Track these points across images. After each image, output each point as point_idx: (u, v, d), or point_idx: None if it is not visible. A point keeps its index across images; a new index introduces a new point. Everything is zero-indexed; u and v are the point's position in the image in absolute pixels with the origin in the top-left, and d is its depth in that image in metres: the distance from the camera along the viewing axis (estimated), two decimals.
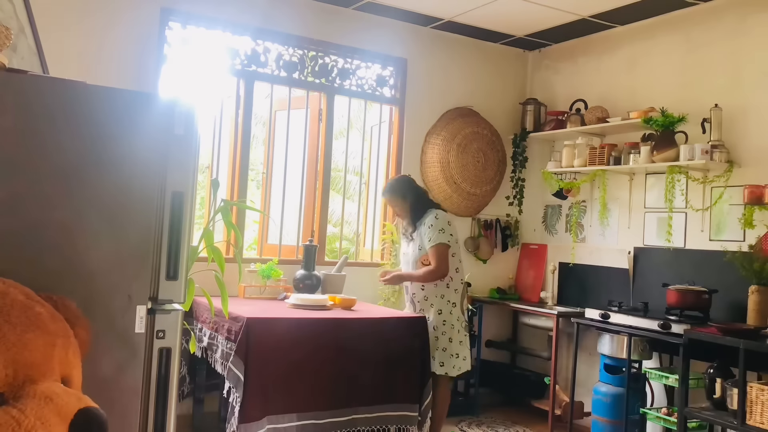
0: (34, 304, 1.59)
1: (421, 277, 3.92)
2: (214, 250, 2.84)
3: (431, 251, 3.87)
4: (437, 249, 3.87)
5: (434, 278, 3.90)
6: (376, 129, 5.41)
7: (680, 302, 4.12)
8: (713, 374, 3.67)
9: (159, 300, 2.06)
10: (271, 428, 3.24)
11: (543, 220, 5.67)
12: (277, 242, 4.95)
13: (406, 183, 4.14)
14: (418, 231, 3.96)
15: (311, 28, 4.89)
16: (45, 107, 1.89)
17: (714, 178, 4.31)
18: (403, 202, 4.05)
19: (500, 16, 4.99)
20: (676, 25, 4.69)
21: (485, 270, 5.61)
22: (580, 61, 5.43)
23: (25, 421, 1.38)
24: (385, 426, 3.59)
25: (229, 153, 4.74)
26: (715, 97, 4.29)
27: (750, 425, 3.33)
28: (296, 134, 5.00)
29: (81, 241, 1.93)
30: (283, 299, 4.21)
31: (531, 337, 5.55)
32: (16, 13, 2.40)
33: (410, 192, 4.06)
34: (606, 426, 4.32)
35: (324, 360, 3.44)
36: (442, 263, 3.86)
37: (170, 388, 2.06)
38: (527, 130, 5.60)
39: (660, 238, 4.58)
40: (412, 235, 4.01)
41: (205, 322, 3.81)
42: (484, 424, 4.94)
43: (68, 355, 1.61)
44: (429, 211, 3.99)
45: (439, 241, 3.87)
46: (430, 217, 3.95)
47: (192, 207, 2.12)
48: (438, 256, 3.86)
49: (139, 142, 2.02)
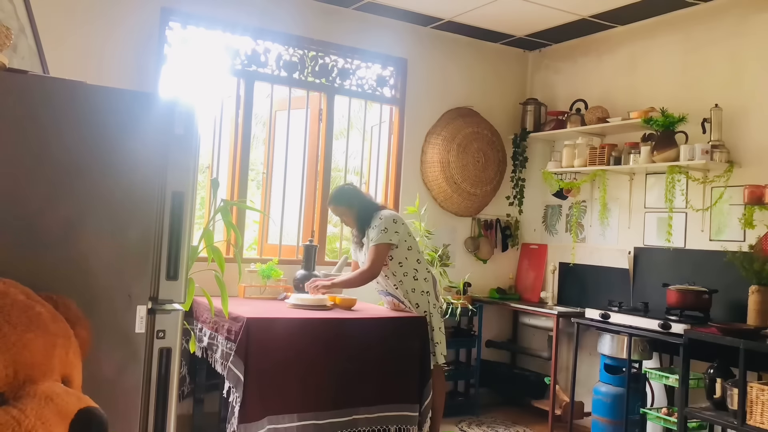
0: (34, 304, 1.60)
1: (348, 281, 3.88)
2: (214, 250, 2.84)
3: (370, 251, 3.82)
4: (376, 249, 3.81)
5: (365, 279, 3.83)
6: (376, 129, 5.41)
7: (680, 302, 4.12)
8: (713, 374, 3.67)
9: (159, 300, 2.07)
10: (272, 428, 3.23)
11: (543, 220, 5.67)
12: (277, 242, 4.95)
13: (351, 191, 4.08)
14: (368, 236, 3.92)
15: (311, 28, 4.89)
16: (45, 107, 1.90)
17: (714, 178, 4.31)
18: (349, 210, 3.98)
19: (500, 16, 4.99)
20: (676, 25, 4.69)
21: (485, 270, 5.61)
22: (580, 61, 5.43)
23: (26, 421, 1.38)
24: (385, 426, 3.59)
25: (229, 153, 4.74)
26: (716, 97, 4.29)
27: (750, 425, 3.33)
28: (296, 134, 5.00)
29: (81, 240, 1.93)
30: (283, 299, 4.21)
31: (531, 337, 5.55)
32: (16, 13, 2.40)
33: (356, 199, 3.99)
34: (606, 426, 4.32)
35: (324, 360, 3.43)
36: (376, 263, 3.80)
37: (170, 388, 2.06)
38: (527, 130, 5.60)
39: (660, 238, 4.58)
40: (362, 242, 3.97)
41: (205, 322, 3.81)
42: (485, 424, 4.94)
43: (68, 355, 1.61)
44: (377, 213, 3.94)
45: (380, 241, 3.81)
46: (376, 219, 3.90)
47: (192, 207, 2.12)
48: (375, 256, 3.80)
49: (139, 142, 2.02)
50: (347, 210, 4.00)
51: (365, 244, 3.95)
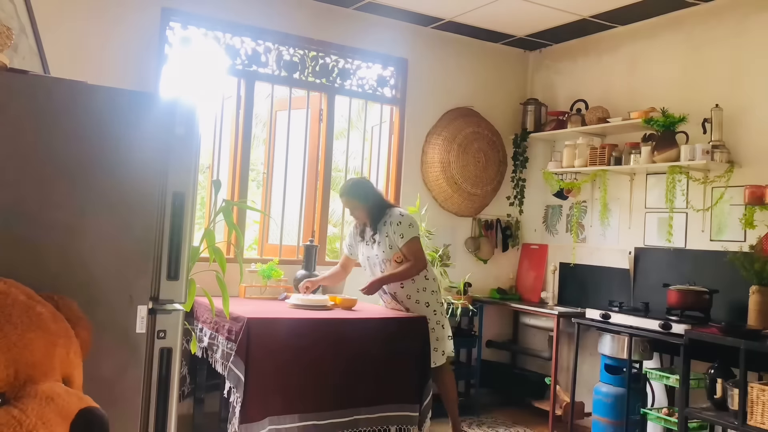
0: (35, 304, 1.59)
1: (404, 273, 3.90)
2: (215, 251, 2.83)
3: (407, 247, 3.88)
4: (413, 243, 3.90)
5: (417, 272, 3.92)
6: (376, 129, 5.41)
7: (681, 302, 4.12)
8: (714, 374, 3.67)
9: (160, 300, 2.07)
10: (273, 429, 3.23)
11: (544, 220, 5.67)
12: (277, 242, 4.95)
13: (367, 185, 4.11)
14: (382, 232, 3.94)
15: (312, 28, 4.89)
16: (46, 107, 1.90)
17: (715, 179, 4.31)
18: (363, 204, 3.99)
19: (501, 16, 4.99)
20: (676, 25, 4.69)
21: (486, 270, 5.61)
22: (580, 61, 5.43)
23: (27, 421, 1.38)
24: (385, 426, 3.59)
25: (229, 153, 4.75)
26: (716, 97, 4.28)
27: (751, 425, 3.33)
28: (297, 134, 5.00)
29: (82, 241, 1.93)
30: (283, 299, 4.21)
31: (531, 338, 5.55)
32: (17, 13, 2.40)
33: (370, 194, 4.02)
34: (607, 426, 4.32)
35: (325, 360, 3.43)
36: (420, 254, 3.92)
37: (171, 388, 2.06)
38: (528, 131, 5.60)
39: (661, 239, 4.58)
40: (374, 237, 3.99)
41: (206, 322, 3.81)
42: (485, 424, 4.94)
43: (69, 355, 1.61)
44: (390, 210, 3.98)
45: (413, 235, 3.90)
46: (395, 215, 3.94)
47: (193, 207, 2.12)
48: (416, 250, 3.90)
49: (140, 142, 2.02)
50: (361, 204, 4.00)
51: (378, 241, 3.95)
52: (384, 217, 3.96)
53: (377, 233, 3.97)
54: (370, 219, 4.00)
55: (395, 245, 3.91)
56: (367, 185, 4.12)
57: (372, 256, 4.04)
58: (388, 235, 3.92)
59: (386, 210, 3.99)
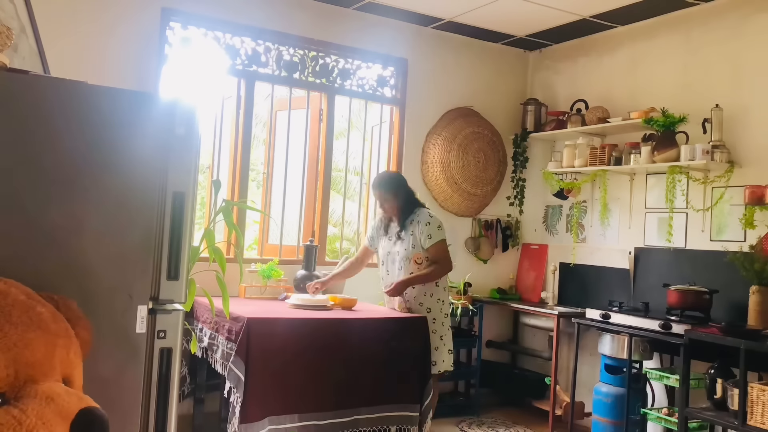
0: (35, 304, 1.59)
1: (430, 275, 3.88)
2: (215, 251, 2.83)
3: (434, 248, 3.87)
4: (441, 246, 3.89)
5: (443, 275, 3.93)
6: (376, 129, 5.41)
7: (681, 302, 4.12)
8: (714, 374, 3.67)
9: (160, 300, 2.06)
10: (273, 429, 3.23)
11: (544, 220, 5.67)
12: (277, 242, 4.95)
13: (400, 180, 4.10)
14: (408, 229, 3.93)
15: (312, 28, 4.89)
16: (46, 107, 1.89)
17: (715, 179, 4.31)
18: (394, 198, 3.97)
19: (501, 16, 4.99)
20: (676, 25, 4.69)
21: (486, 270, 5.61)
22: (580, 61, 5.43)
23: (27, 421, 1.38)
24: (385, 426, 3.59)
25: (229, 153, 4.75)
26: (716, 97, 4.29)
27: (751, 426, 3.33)
28: (297, 134, 5.00)
29: (82, 240, 1.93)
30: (283, 299, 4.21)
31: (531, 338, 5.55)
32: (17, 13, 2.40)
33: (402, 189, 4.01)
34: (607, 426, 4.32)
35: (325, 360, 3.43)
36: (447, 257, 3.92)
37: (171, 388, 2.06)
38: (528, 131, 5.60)
39: (661, 239, 4.58)
40: (399, 234, 3.97)
41: (206, 322, 3.81)
42: (485, 424, 4.94)
43: (69, 355, 1.61)
44: (419, 210, 3.97)
45: (441, 237, 3.89)
46: (424, 215, 3.93)
47: (193, 207, 2.12)
48: (443, 253, 3.90)
49: (140, 142, 2.02)
50: (392, 198, 3.98)
51: (403, 238, 3.93)
52: (412, 215, 3.95)
53: (403, 230, 3.95)
54: (399, 214, 3.98)
55: (419, 245, 3.89)
56: (401, 180, 4.10)
57: (393, 252, 4.01)
58: (414, 234, 3.90)
59: (415, 208, 3.98)
